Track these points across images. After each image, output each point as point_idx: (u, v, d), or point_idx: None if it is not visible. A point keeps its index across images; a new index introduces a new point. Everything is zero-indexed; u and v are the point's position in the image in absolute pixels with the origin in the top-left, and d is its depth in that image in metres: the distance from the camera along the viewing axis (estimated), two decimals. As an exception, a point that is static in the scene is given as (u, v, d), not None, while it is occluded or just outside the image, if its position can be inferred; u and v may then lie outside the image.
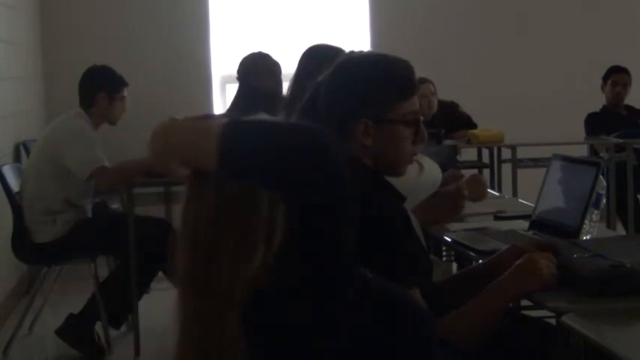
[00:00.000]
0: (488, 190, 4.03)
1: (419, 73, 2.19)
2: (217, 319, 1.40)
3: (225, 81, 7.17)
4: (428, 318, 1.57)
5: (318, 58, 3.19)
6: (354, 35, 7.33)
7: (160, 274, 4.43)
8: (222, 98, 7.30)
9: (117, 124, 4.77)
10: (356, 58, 2.17)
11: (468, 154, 6.52)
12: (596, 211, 2.79)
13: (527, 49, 7.50)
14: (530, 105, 7.34)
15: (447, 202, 2.99)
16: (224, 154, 1.38)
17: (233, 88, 4.65)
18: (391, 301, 1.52)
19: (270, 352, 1.43)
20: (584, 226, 2.75)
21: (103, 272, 4.67)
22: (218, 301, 1.40)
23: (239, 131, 1.40)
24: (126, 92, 4.74)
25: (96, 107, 4.63)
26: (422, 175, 2.91)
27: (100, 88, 4.64)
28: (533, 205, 3.11)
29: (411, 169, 2.85)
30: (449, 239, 2.95)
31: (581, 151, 6.39)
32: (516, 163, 6.07)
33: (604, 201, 2.89)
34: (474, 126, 6.33)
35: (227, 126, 1.40)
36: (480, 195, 3.32)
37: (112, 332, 4.54)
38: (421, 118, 2.12)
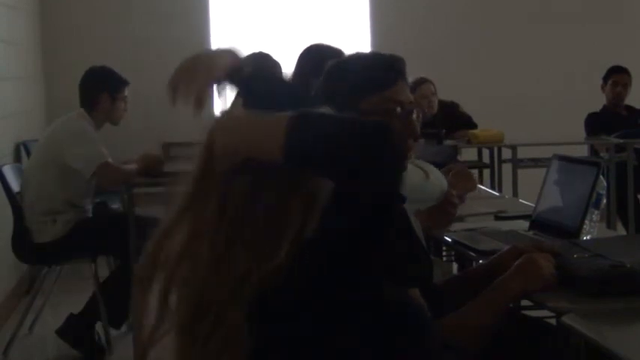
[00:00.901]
0: (489, 190, 4.03)
1: (419, 73, 2.17)
2: (222, 310, 1.39)
3: (226, 81, 7.16)
4: (428, 319, 1.57)
5: (316, 57, 3.18)
6: (354, 35, 7.33)
7: (160, 274, 4.42)
8: (222, 98, 7.28)
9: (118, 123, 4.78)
10: (346, 56, 2.16)
11: (469, 154, 6.52)
12: (596, 211, 2.78)
13: (527, 49, 7.50)
14: (530, 105, 7.33)
15: (437, 210, 2.96)
16: (291, 147, 1.36)
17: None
18: (391, 302, 1.52)
19: (275, 351, 1.43)
20: (585, 226, 2.74)
21: (103, 272, 4.67)
22: (227, 292, 1.39)
23: (307, 125, 1.38)
24: (127, 91, 4.75)
25: (99, 109, 4.63)
26: (428, 180, 2.88)
27: (102, 90, 4.64)
28: (533, 205, 3.10)
29: (415, 172, 2.83)
30: (449, 239, 2.94)
31: (582, 151, 6.39)
32: (516, 163, 6.06)
33: (604, 201, 2.88)
34: (474, 126, 6.32)
35: (294, 119, 1.38)
36: (469, 187, 3.30)
37: (112, 332, 4.53)
38: (398, 110, 1.99)
